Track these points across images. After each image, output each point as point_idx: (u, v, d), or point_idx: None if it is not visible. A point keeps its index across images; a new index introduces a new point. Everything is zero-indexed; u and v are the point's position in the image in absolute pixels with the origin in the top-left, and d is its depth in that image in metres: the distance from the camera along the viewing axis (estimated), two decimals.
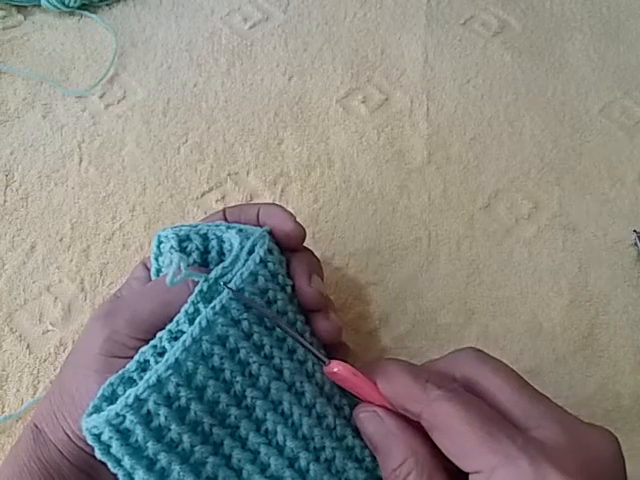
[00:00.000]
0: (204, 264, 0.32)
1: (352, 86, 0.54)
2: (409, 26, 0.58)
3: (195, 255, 0.32)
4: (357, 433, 0.30)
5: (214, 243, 0.32)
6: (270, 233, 0.33)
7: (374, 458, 0.30)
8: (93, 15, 0.57)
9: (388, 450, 0.27)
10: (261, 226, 0.33)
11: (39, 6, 0.57)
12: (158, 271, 0.32)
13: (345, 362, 0.29)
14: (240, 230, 0.32)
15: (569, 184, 0.48)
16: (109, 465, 0.27)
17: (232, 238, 0.32)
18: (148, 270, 0.34)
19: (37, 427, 0.31)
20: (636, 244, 0.45)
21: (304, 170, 0.48)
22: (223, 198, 0.47)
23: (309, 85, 0.54)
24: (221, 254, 0.32)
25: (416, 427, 0.27)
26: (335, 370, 0.29)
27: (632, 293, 0.43)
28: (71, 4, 0.56)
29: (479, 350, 0.29)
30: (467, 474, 0.25)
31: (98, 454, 0.27)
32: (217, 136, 0.50)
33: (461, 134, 0.51)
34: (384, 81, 0.54)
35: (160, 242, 0.32)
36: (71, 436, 0.30)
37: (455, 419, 0.25)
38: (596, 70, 0.55)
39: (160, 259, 0.32)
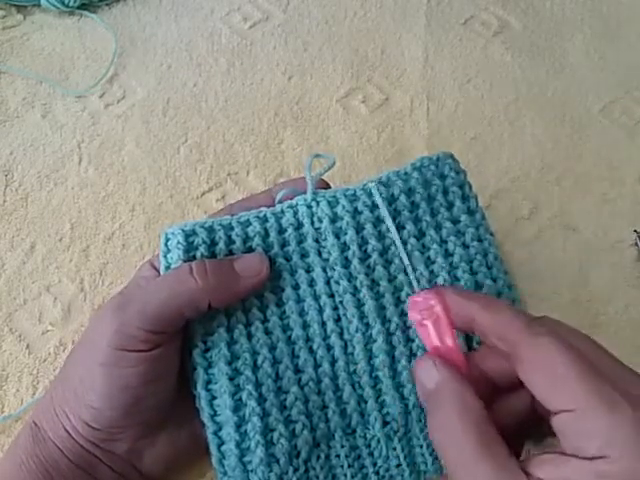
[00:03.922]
0: (212, 256, 0.33)
1: (352, 86, 0.54)
2: (409, 26, 0.58)
3: (202, 248, 0.32)
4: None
5: (221, 234, 0.33)
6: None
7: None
8: (93, 15, 0.57)
9: (437, 399, 0.27)
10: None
11: (39, 6, 0.57)
12: (167, 268, 0.32)
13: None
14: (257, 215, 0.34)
15: (569, 184, 0.48)
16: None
17: (253, 220, 0.34)
18: (155, 269, 0.34)
19: (36, 424, 0.31)
20: (636, 244, 0.45)
21: (304, 169, 0.48)
22: (223, 198, 0.47)
23: (309, 85, 0.54)
24: (245, 241, 0.33)
25: (470, 383, 0.27)
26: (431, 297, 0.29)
27: (632, 293, 0.43)
28: (71, 4, 0.56)
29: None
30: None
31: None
32: (217, 136, 0.50)
33: (461, 134, 0.51)
34: (384, 81, 0.54)
35: (167, 239, 0.33)
36: (71, 433, 0.30)
37: (557, 355, 0.25)
38: (596, 70, 0.55)
39: (169, 256, 0.32)
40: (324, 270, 0.33)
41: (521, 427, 0.28)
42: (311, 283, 0.34)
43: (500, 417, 0.27)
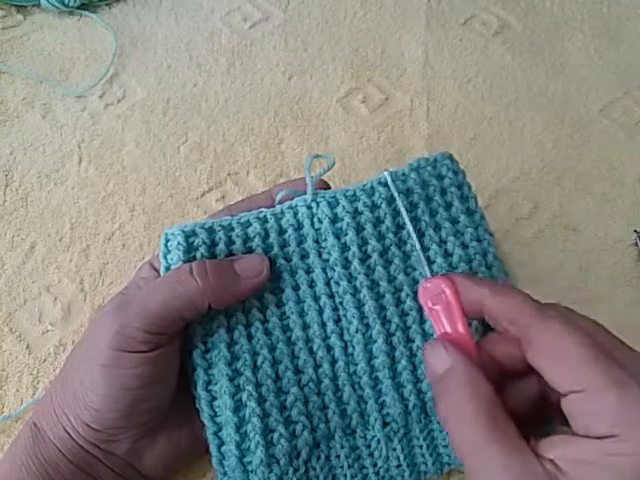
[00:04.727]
0: (212, 257, 0.33)
1: (352, 86, 0.54)
2: (409, 26, 0.58)
3: (202, 249, 0.32)
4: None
5: (221, 235, 0.33)
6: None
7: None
8: (93, 15, 0.57)
9: (447, 383, 0.27)
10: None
11: (39, 6, 0.57)
12: (167, 269, 0.32)
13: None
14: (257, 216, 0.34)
15: (569, 184, 0.48)
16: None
17: (252, 220, 0.34)
18: (155, 270, 0.34)
19: (36, 425, 0.31)
20: (636, 244, 0.45)
21: (304, 170, 0.48)
22: (223, 198, 0.47)
23: (309, 85, 0.54)
24: (245, 242, 0.33)
25: (480, 368, 0.27)
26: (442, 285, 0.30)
27: (632, 293, 0.43)
28: (71, 4, 0.56)
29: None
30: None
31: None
32: (217, 136, 0.50)
33: (461, 134, 0.51)
34: (384, 81, 0.54)
35: (167, 240, 0.33)
36: (71, 433, 0.30)
37: (567, 338, 0.25)
38: (596, 70, 0.55)
39: (169, 257, 0.32)
40: (324, 271, 0.33)
41: (530, 413, 0.28)
42: (311, 284, 0.34)
43: (509, 403, 0.27)
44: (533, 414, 0.29)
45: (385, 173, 0.34)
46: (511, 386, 0.29)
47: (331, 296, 0.33)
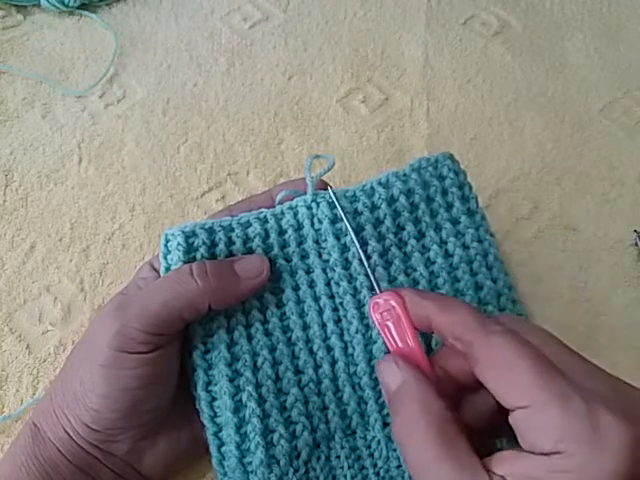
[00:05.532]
0: (212, 257, 0.33)
1: (352, 86, 0.54)
2: (409, 26, 0.58)
3: (202, 250, 0.32)
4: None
5: (221, 235, 0.33)
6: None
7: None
8: (93, 15, 0.57)
9: (400, 400, 0.27)
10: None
11: (39, 6, 0.57)
12: (167, 269, 0.32)
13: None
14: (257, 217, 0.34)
15: (569, 184, 0.48)
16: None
17: (252, 220, 0.34)
18: (155, 270, 0.34)
19: (36, 425, 0.31)
20: (636, 244, 0.45)
21: (304, 170, 0.48)
22: (223, 198, 0.47)
23: (309, 85, 0.54)
24: (245, 242, 0.33)
25: (432, 383, 0.27)
26: (387, 299, 0.29)
27: (632, 293, 0.43)
28: (71, 4, 0.56)
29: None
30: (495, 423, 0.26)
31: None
32: (217, 136, 0.50)
33: (461, 134, 0.51)
34: (384, 81, 0.54)
35: (167, 240, 0.33)
36: (71, 434, 0.30)
37: (510, 353, 0.25)
38: (596, 70, 0.55)
39: (169, 257, 0.33)
40: (324, 271, 0.33)
41: (486, 427, 0.28)
42: (311, 284, 0.34)
43: (467, 416, 0.28)
44: (490, 427, 0.28)
45: (329, 190, 0.34)
46: (466, 400, 0.29)
47: (331, 297, 0.33)
